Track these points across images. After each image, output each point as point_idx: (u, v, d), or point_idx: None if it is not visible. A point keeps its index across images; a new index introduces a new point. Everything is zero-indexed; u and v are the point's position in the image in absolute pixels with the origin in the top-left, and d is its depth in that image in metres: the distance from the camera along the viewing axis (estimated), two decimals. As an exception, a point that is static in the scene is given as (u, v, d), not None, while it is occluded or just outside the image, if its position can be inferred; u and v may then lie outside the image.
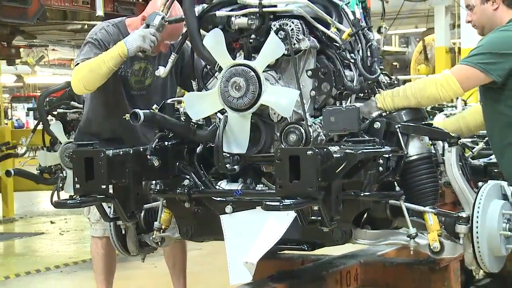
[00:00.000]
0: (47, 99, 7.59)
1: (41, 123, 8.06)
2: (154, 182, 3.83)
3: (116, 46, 4.17)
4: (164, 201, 3.91)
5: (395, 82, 4.07)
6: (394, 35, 25.16)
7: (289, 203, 3.00)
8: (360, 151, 3.25)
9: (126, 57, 4.15)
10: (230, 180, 3.79)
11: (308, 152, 3.04)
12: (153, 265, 6.97)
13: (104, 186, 3.34)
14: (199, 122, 3.73)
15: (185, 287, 5.05)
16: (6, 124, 16.01)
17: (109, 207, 3.71)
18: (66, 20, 11.00)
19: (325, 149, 3.13)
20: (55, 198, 6.89)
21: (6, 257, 9.05)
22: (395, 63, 26.50)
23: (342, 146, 3.27)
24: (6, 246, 9.70)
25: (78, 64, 4.31)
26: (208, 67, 3.80)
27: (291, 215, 3.43)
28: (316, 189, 3.04)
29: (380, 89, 3.83)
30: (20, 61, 21.47)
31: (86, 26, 11.35)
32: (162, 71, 3.94)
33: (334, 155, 3.15)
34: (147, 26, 4.12)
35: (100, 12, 10.00)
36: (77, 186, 3.36)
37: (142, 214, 4.07)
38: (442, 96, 3.69)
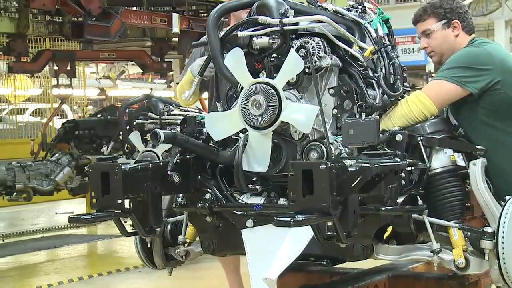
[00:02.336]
0: (127, 110, 7.87)
1: (121, 132, 8.49)
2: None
3: None
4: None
5: None
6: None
7: (301, 218, 2.94)
8: (376, 165, 3.17)
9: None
10: (253, 193, 3.74)
11: (321, 166, 2.98)
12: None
13: (120, 201, 3.32)
14: None
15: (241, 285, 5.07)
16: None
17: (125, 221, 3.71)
18: (145, 37, 11.79)
19: (339, 163, 3.06)
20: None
21: (89, 257, 9.62)
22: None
23: (358, 159, 3.20)
24: (89, 247, 10.25)
25: None
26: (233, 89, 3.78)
27: (311, 229, 3.37)
28: (329, 204, 2.97)
29: None
30: (103, 75, 22.21)
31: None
32: (187, 95, 3.96)
33: (349, 169, 3.08)
34: None
35: (176, 29, 10.53)
36: (94, 201, 3.34)
37: (169, 227, 4.07)
38: (415, 114, 3.58)
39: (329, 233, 3.23)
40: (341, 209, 3.15)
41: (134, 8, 10.92)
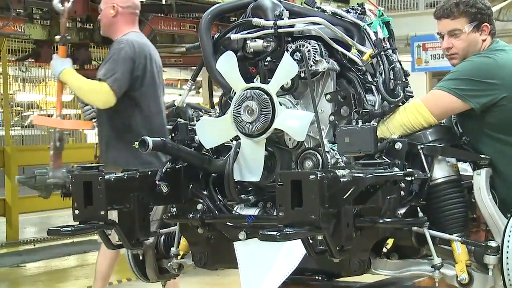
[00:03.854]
0: None
1: None
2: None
3: None
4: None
5: None
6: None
7: (287, 232, 2.76)
8: (370, 175, 2.99)
9: None
10: (248, 204, 3.57)
11: (311, 176, 2.80)
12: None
13: (103, 212, 3.17)
14: None
15: None
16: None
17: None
18: (174, 43, 11.72)
19: (331, 173, 2.89)
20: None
21: (119, 262, 9.38)
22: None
23: (352, 169, 3.02)
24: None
25: None
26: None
27: None
28: (319, 216, 2.79)
29: None
30: None
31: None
32: (179, 101, 3.87)
33: (342, 180, 2.90)
34: None
35: None
36: (76, 212, 3.19)
37: (162, 238, 3.91)
38: (413, 123, 3.37)
39: (321, 247, 3.05)
40: (334, 222, 2.98)
41: (164, 15, 10.95)
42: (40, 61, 10.69)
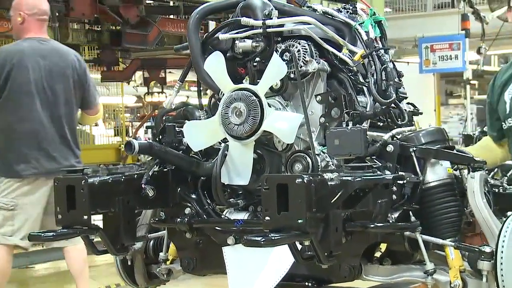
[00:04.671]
0: (164, 118, 7.82)
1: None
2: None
3: None
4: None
5: (419, 111, 3.68)
6: (494, 55, 24.52)
7: (272, 238, 2.67)
8: (359, 178, 2.90)
9: None
10: (238, 208, 3.48)
11: (297, 180, 2.71)
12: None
13: (86, 217, 3.08)
14: None
15: None
16: (128, 141, 16.78)
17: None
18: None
19: (319, 176, 2.80)
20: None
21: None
22: (494, 82, 25.85)
23: (340, 173, 2.93)
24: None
25: None
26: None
27: None
28: (306, 221, 2.70)
29: (401, 118, 3.47)
30: (140, 83, 22.50)
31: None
32: (167, 102, 3.85)
33: (329, 183, 2.81)
34: None
35: None
36: (59, 216, 3.11)
37: (151, 243, 3.83)
38: None
39: (309, 253, 2.96)
40: (322, 227, 2.89)
41: (171, 17, 10.92)
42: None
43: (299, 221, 2.70)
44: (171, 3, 11.03)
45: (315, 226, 2.81)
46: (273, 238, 2.67)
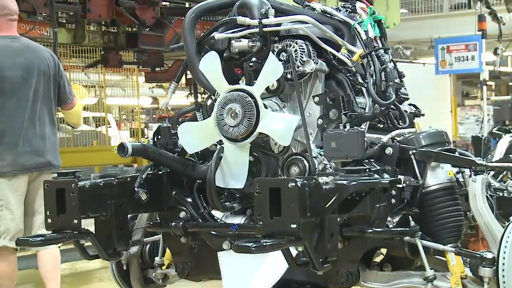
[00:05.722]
0: (180, 119, 7.85)
1: None
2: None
3: None
4: (162, 235, 3.56)
5: (421, 112, 3.59)
6: (510, 56, 24.32)
7: (263, 244, 2.58)
8: (354, 182, 2.81)
9: None
10: (235, 212, 3.40)
11: (290, 184, 2.62)
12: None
13: (76, 221, 3.00)
14: None
15: None
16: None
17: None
18: None
19: (313, 180, 2.71)
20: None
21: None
22: (511, 83, 25.59)
23: (335, 176, 2.83)
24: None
25: None
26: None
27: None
28: (299, 226, 2.61)
29: (402, 120, 3.37)
30: (155, 84, 22.61)
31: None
32: (163, 103, 3.69)
33: (324, 187, 2.72)
34: None
35: None
36: (49, 220, 3.03)
37: (147, 247, 3.75)
38: None
39: (304, 258, 2.87)
40: (318, 232, 2.81)
41: None
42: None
43: (292, 226, 2.61)
44: (187, 5, 11.00)
45: (309, 232, 2.74)
46: (264, 244, 2.58)
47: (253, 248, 2.57)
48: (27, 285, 7.92)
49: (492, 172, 3.94)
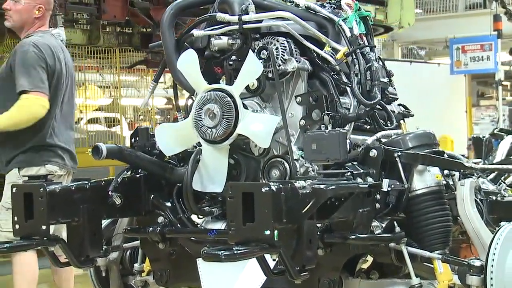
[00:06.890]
0: None
1: None
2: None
3: None
4: (140, 241, 3.43)
5: (411, 113, 3.44)
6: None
7: (234, 252, 2.44)
8: (332, 187, 2.66)
9: None
10: (216, 217, 3.26)
11: (263, 189, 2.48)
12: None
13: (44, 227, 2.87)
14: None
15: None
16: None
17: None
18: None
19: (289, 184, 2.57)
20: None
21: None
22: (525, 83, 25.46)
23: (313, 180, 2.69)
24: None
25: None
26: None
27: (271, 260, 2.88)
28: (273, 233, 2.47)
29: (389, 121, 3.22)
30: (170, 85, 22.72)
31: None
32: (142, 102, 3.55)
33: (301, 191, 2.58)
34: None
35: None
36: (16, 226, 2.90)
37: (128, 253, 3.62)
38: None
39: (280, 266, 2.73)
40: (295, 239, 2.67)
41: None
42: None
43: (266, 232, 2.48)
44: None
45: (286, 238, 2.60)
46: (235, 252, 2.45)
47: (223, 257, 2.44)
48: (43, 285, 7.83)
49: (492, 175, 3.80)
